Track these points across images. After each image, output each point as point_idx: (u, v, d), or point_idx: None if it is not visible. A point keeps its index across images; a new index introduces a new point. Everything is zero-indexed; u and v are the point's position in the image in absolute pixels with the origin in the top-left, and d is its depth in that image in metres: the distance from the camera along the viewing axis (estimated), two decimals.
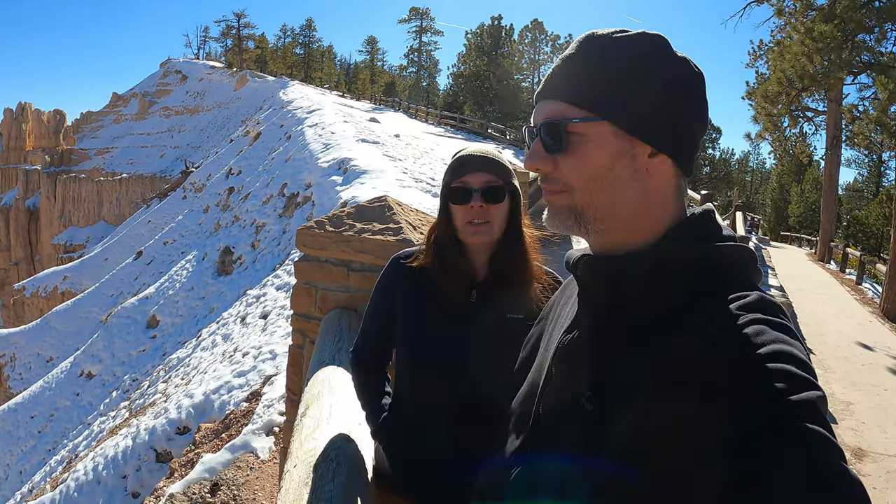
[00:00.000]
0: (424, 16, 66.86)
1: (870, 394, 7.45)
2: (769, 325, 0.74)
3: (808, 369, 0.70)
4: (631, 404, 0.78)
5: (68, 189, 62.29)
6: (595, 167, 0.88)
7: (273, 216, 16.53)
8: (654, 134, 0.88)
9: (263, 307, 10.14)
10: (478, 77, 52.49)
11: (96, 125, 76.98)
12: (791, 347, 0.71)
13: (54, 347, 22.98)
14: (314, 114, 26.50)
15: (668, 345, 0.77)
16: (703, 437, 0.68)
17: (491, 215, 1.70)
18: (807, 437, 0.62)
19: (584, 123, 0.88)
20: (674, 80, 0.89)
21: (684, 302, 0.81)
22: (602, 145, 0.88)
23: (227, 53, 77.41)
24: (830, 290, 15.68)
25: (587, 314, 0.94)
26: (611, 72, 0.89)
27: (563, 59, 0.93)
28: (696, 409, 0.70)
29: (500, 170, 1.74)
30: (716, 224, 0.91)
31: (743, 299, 0.78)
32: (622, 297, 0.88)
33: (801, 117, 20.76)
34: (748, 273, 0.86)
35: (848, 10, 14.42)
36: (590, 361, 0.88)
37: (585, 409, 0.85)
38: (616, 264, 0.89)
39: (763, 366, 0.69)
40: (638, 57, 0.89)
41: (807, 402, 0.65)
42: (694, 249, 0.86)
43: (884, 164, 43.86)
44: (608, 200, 0.89)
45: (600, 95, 0.88)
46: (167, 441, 6.71)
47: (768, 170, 61.77)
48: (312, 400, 1.97)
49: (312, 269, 2.99)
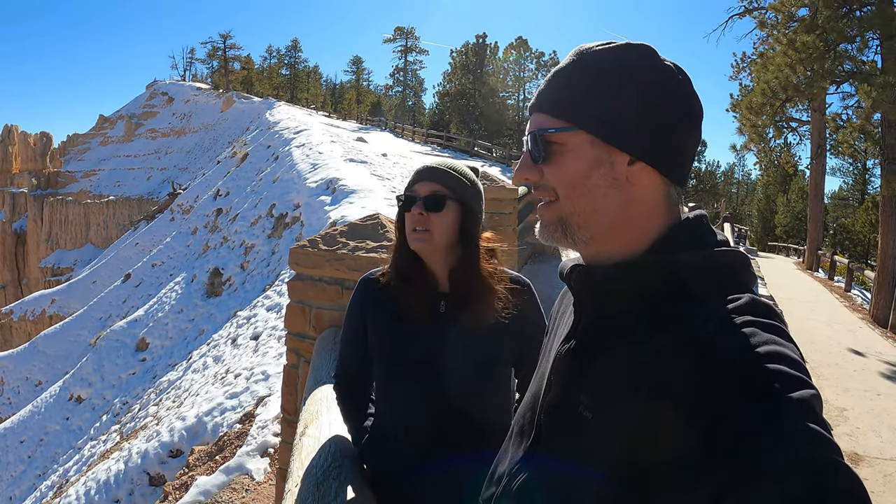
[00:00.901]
0: (409, 35, 67.04)
1: (863, 399, 7.48)
2: (761, 327, 0.75)
3: (801, 369, 0.70)
4: (629, 411, 0.78)
5: (55, 212, 61.99)
6: (573, 174, 0.90)
7: (262, 237, 16.47)
8: (631, 142, 0.89)
9: (254, 328, 10.08)
10: (463, 95, 52.66)
11: (83, 147, 76.75)
12: (784, 348, 0.72)
13: (43, 371, 22.73)
14: (301, 134, 26.52)
15: (663, 351, 0.78)
16: (701, 440, 0.68)
17: (431, 223, 1.72)
18: (803, 435, 0.63)
19: (561, 133, 0.91)
20: (652, 88, 0.90)
21: (678, 308, 0.82)
22: (579, 154, 0.90)
23: (213, 75, 77.34)
24: (819, 297, 15.78)
25: (583, 324, 0.95)
26: (588, 82, 0.91)
27: (551, 72, 0.97)
28: (693, 412, 0.71)
29: (448, 180, 1.76)
30: (708, 229, 0.92)
31: (735, 302, 0.79)
32: (615, 306, 0.89)
33: (785, 128, 20.96)
34: (742, 277, 0.87)
35: (829, 20, 14.60)
36: (587, 370, 0.89)
37: (584, 417, 0.85)
38: (608, 273, 0.90)
39: (757, 366, 0.70)
40: (616, 66, 0.90)
41: (801, 401, 0.66)
42: (686, 255, 0.86)
43: (868, 172, 44.23)
44: (589, 207, 0.90)
45: (577, 106, 0.91)
46: (160, 464, 6.64)
47: (754, 181, 62.26)
48: (311, 419, 1.96)
49: (306, 287, 2.98)
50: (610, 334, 0.88)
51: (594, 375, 0.88)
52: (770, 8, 19.10)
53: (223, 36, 72.86)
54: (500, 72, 54.03)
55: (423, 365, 1.73)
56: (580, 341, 0.94)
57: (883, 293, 14.22)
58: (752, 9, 23.67)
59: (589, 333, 0.93)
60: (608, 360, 0.86)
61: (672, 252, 0.87)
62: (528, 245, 8.57)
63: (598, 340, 0.90)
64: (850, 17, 14.67)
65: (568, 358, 0.95)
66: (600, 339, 0.90)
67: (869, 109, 13.74)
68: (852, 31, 14.48)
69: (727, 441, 0.65)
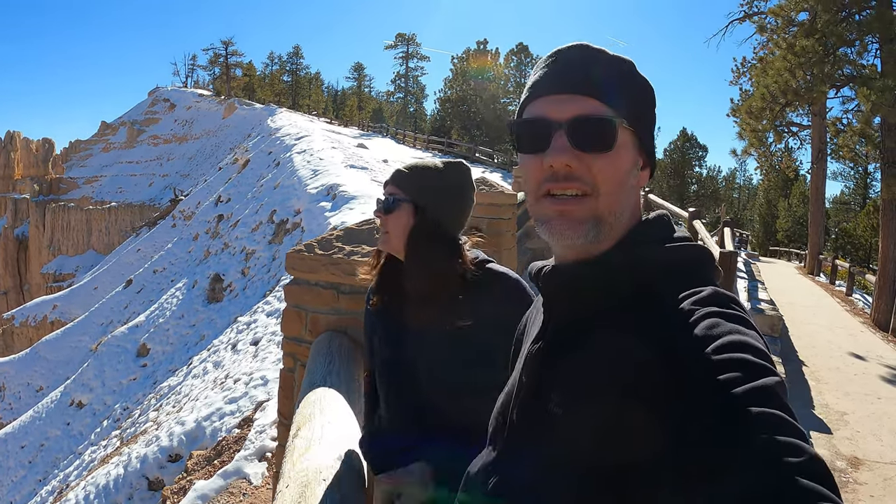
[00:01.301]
0: (411, 41, 67.25)
1: (863, 403, 7.46)
2: (724, 318, 0.76)
3: (765, 357, 0.71)
4: (599, 409, 0.79)
5: (57, 218, 62.12)
6: (623, 172, 0.90)
7: (263, 243, 16.51)
8: (651, 150, 0.95)
9: (254, 334, 10.09)
10: (464, 101, 52.76)
11: (85, 154, 77.00)
12: (746, 337, 0.73)
13: (44, 377, 22.75)
14: (302, 140, 26.58)
15: (630, 346, 0.79)
16: (671, 438, 0.68)
17: (388, 226, 1.78)
18: (769, 421, 0.63)
19: (624, 128, 0.90)
20: (654, 100, 0.96)
21: (643, 304, 0.83)
22: (629, 151, 0.91)
23: (215, 81, 77.62)
24: (821, 302, 15.74)
25: (552, 323, 0.96)
26: (634, 86, 0.94)
27: (584, 58, 0.93)
28: (662, 410, 0.71)
29: (404, 182, 1.79)
30: (669, 226, 0.93)
31: (697, 294, 0.80)
32: (582, 304, 0.90)
33: (785, 132, 20.95)
34: (705, 271, 0.89)
35: (829, 24, 14.61)
36: (556, 369, 0.90)
37: (555, 415, 0.86)
38: (573, 271, 0.92)
39: (720, 356, 0.70)
40: (643, 79, 0.95)
41: (764, 388, 0.66)
42: (648, 251, 0.88)
43: (870, 176, 44.15)
44: (621, 208, 0.91)
45: (630, 105, 0.91)
46: (159, 469, 6.64)
47: (755, 186, 62.22)
48: (304, 421, 1.95)
49: (302, 292, 2.98)
50: (579, 333, 0.89)
51: (564, 374, 0.88)
52: (770, 12, 19.12)
53: (225, 42, 73.17)
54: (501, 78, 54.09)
55: (393, 364, 1.78)
56: (549, 341, 0.95)
57: (884, 297, 14.20)
58: (753, 13, 23.73)
59: (558, 333, 0.94)
60: (577, 358, 0.87)
61: (634, 248, 0.89)
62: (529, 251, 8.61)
63: (566, 339, 0.91)
64: (850, 20, 14.69)
65: (538, 357, 0.95)
66: (569, 338, 0.90)
67: (869, 113, 13.73)
68: (851, 34, 14.49)
69: (694, 436, 0.66)
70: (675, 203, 26.76)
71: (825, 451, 5.93)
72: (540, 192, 0.91)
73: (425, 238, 1.75)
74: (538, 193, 0.92)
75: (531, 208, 0.95)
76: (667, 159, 48.77)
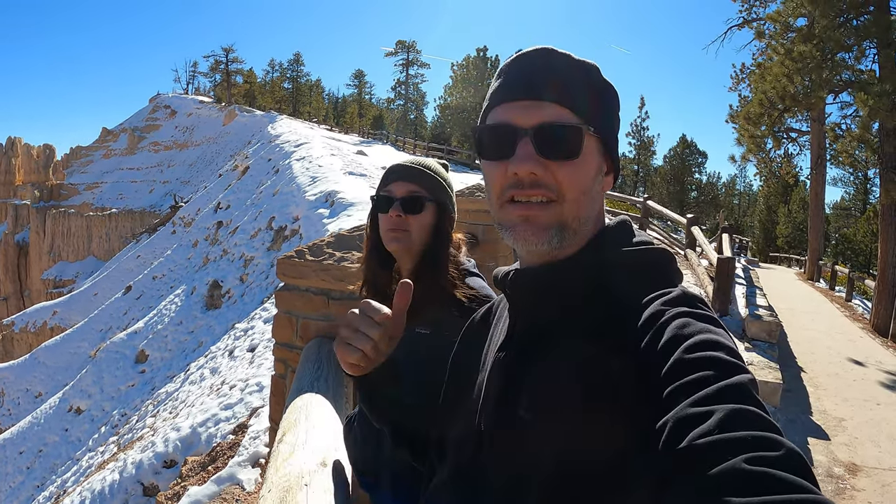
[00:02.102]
0: (411, 49, 67.28)
1: (862, 409, 7.43)
2: (694, 317, 0.76)
3: (735, 355, 0.71)
4: (568, 413, 0.78)
5: (58, 224, 62.12)
6: (587, 178, 0.90)
7: (261, 249, 16.51)
8: (616, 155, 0.94)
9: (251, 340, 10.09)
10: (464, 109, 52.78)
11: (86, 160, 77.01)
12: (717, 336, 0.73)
13: (43, 383, 22.72)
14: (302, 147, 26.59)
15: (598, 348, 0.78)
16: (642, 439, 0.68)
17: (409, 225, 1.72)
18: (742, 417, 0.62)
19: (590, 135, 0.89)
20: (617, 105, 0.95)
21: (609, 308, 0.82)
22: (593, 157, 0.90)
23: (215, 88, 77.65)
24: (820, 307, 15.72)
25: (518, 328, 0.95)
26: (599, 91, 0.92)
27: (549, 63, 0.91)
28: (631, 407, 0.71)
29: (424, 180, 1.75)
30: (630, 231, 0.94)
31: (666, 295, 0.80)
32: (548, 307, 0.89)
33: (784, 138, 20.96)
34: (668, 273, 0.89)
35: (827, 29, 14.62)
36: (524, 374, 0.89)
37: (524, 420, 0.85)
38: (537, 275, 0.91)
39: (693, 355, 0.70)
40: (607, 83, 0.94)
41: (738, 385, 0.66)
42: (612, 254, 0.88)
43: (870, 182, 44.21)
44: (586, 214, 0.90)
45: (596, 111, 0.90)
46: (154, 474, 6.63)
47: (755, 192, 62.22)
48: (289, 427, 1.95)
49: (293, 298, 2.98)
50: (545, 337, 0.88)
51: (532, 379, 0.87)
52: (768, 18, 19.14)
53: (226, 49, 73.24)
54: None
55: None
56: (516, 345, 0.94)
57: (883, 302, 14.18)
58: (751, 20, 23.81)
59: (524, 337, 0.93)
60: (544, 363, 0.86)
61: (598, 253, 0.88)
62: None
63: (533, 344, 0.90)
64: (847, 26, 14.70)
65: (505, 363, 0.94)
66: (535, 343, 0.90)
67: (867, 118, 13.74)
68: (849, 40, 14.50)
69: (666, 435, 0.65)
70: (674, 210, 26.79)
71: (823, 457, 5.91)
72: (504, 197, 0.90)
73: (447, 237, 1.76)
74: (502, 199, 0.91)
75: (495, 214, 0.93)
76: (666, 166, 48.88)
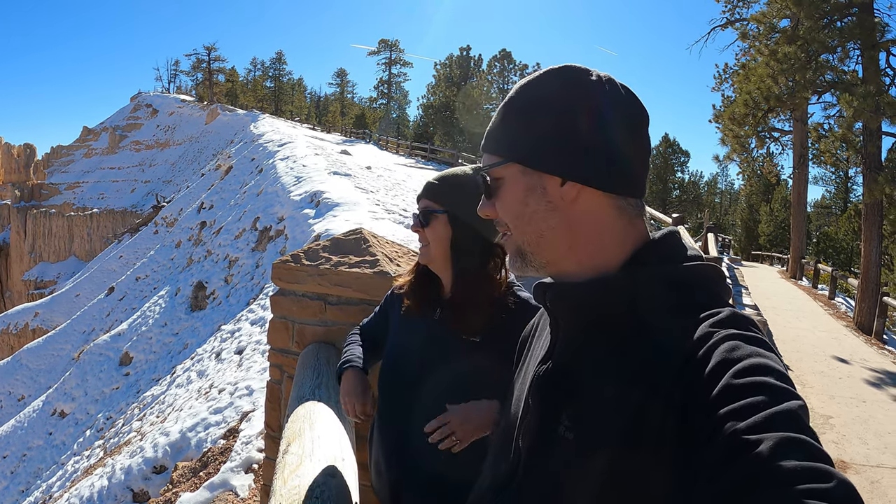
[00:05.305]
0: (394, 48, 67.30)
1: (848, 406, 7.52)
2: (744, 340, 0.74)
3: (786, 380, 0.70)
4: (612, 432, 0.77)
5: (38, 224, 61.48)
6: (513, 204, 0.95)
7: (246, 250, 16.37)
8: (554, 164, 0.90)
9: (238, 342, 10.00)
10: (447, 107, 52.79)
11: (67, 159, 76.25)
12: (767, 360, 0.72)
13: (26, 385, 22.45)
14: (285, 147, 26.41)
15: (644, 369, 0.78)
16: (689, 458, 0.67)
17: (426, 238, 1.81)
18: (793, 445, 0.62)
19: (497, 168, 0.95)
20: (569, 107, 0.90)
21: (657, 324, 0.81)
22: (514, 184, 0.94)
23: (197, 87, 77.06)
24: (804, 306, 15.89)
25: (560, 343, 0.94)
26: (513, 116, 0.94)
27: (499, 112, 0.99)
28: (679, 430, 0.70)
29: (437, 195, 1.81)
30: (681, 244, 0.91)
31: (715, 316, 0.79)
32: (592, 324, 0.88)
33: (767, 138, 21.12)
34: (718, 290, 0.87)
35: (811, 31, 14.77)
36: (566, 391, 0.88)
37: (566, 438, 0.85)
38: (583, 291, 0.90)
39: (742, 380, 0.69)
40: (536, 95, 0.93)
41: (789, 412, 0.65)
42: (660, 269, 0.86)
43: (851, 181, 44.85)
44: (535, 234, 0.93)
45: (507, 139, 0.95)
46: (144, 480, 6.55)
47: (737, 191, 62.80)
48: (294, 437, 1.93)
49: (289, 303, 2.95)
50: (589, 353, 0.87)
51: (574, 396, 0.87)
52: (752, 19, 19.33)
53: (208, 48, 72.73)
54: (484, 84, 54.20)
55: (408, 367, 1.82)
56: (558, 361, 0.93)
57: (866, 300, 14.35)
58: (735, 20, 24.04)
59: (567, 352, 0.92)
60: (588, 380, 0.85)
61: (644, 267, 0.87)
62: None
63: (576, 360, 0.89)
64: (831, 27, 14.87)
65: (547, 378, 0.93)
66: (579, 359, 0.89)
67: (850, 119, 13.92)
68: (833, 41, 14.66)
69: (717, 458, 0.64)
70: (657, 208, 26.91)
71: None
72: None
73: (466, 245, 1.77)
74: None
75: None
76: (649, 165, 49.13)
